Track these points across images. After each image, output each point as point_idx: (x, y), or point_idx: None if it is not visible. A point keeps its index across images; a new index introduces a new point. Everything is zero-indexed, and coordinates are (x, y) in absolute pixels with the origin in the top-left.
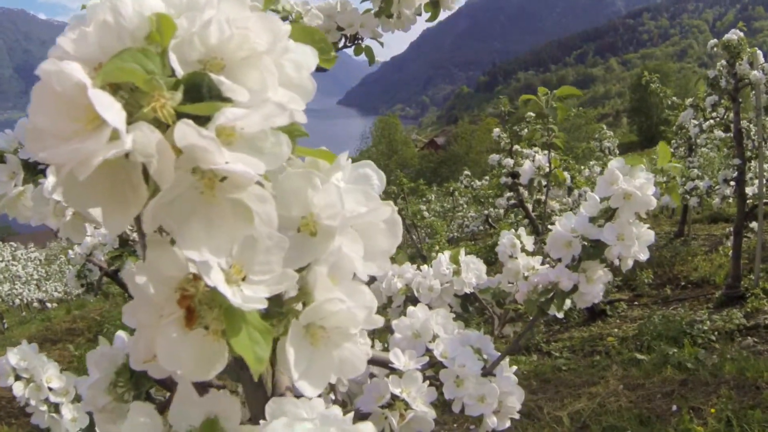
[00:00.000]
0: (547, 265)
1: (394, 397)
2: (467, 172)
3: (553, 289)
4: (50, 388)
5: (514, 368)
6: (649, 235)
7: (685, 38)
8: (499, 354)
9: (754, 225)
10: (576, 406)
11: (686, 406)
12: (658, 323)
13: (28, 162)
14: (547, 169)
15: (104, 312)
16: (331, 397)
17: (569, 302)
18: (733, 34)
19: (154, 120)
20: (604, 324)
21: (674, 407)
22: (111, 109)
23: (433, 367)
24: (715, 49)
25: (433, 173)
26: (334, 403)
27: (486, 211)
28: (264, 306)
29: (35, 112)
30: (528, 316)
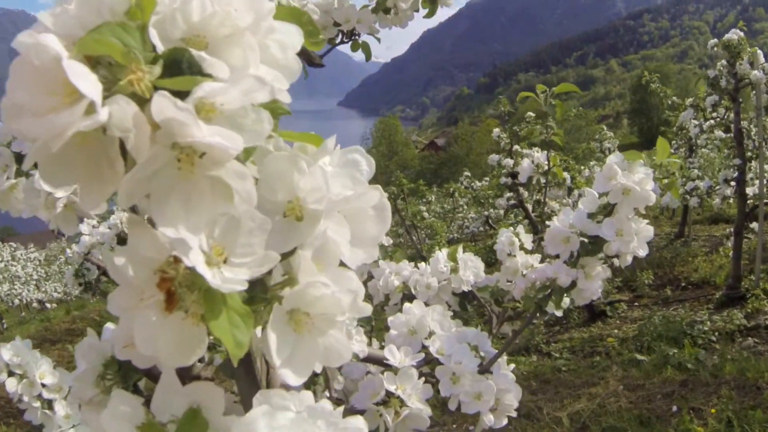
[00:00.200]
0: (546, 263)
1: (390, 394)
2: (467, 173)
3: (551, 285)
4: (43, 384)
5: (512, 366)
6: (648, 231)
7: (685, 39)
8: (496, 351)
9: (754, 225)
10: (576, 407)
11: (686, 406)
12: (658, 324)
13: (20, 154)
14: (546, 167)
15: (103, 312)
16: (326, 394)
17: (568, 300)
18: (734, 34)
19: (132, 95)
20: (604, 325)
21: (674, 408)
22: (86, 80)
23: (429, 364)
24: (716, 48)
25: (434, 174)
26: (329, 399)
27: (486, 212)
28: (244, 287)
29: (13, 87)
30: (526, 313)
